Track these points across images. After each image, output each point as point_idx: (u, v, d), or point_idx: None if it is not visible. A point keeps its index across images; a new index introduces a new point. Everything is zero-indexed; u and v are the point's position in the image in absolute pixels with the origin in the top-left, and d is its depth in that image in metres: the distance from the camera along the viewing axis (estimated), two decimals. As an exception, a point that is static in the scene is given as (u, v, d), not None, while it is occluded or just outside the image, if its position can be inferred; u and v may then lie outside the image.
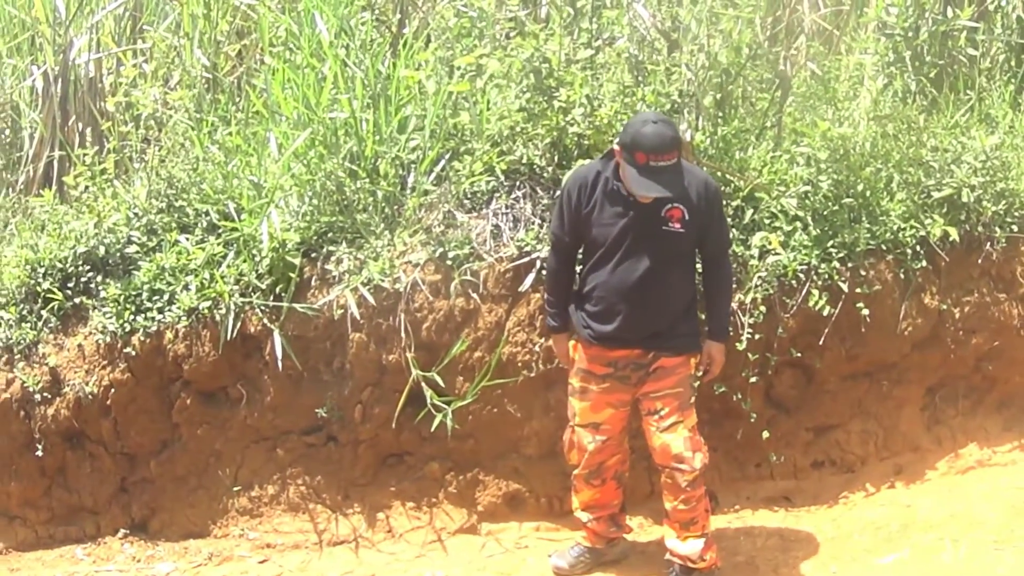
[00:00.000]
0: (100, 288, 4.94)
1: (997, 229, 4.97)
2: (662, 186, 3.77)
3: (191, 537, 4.95)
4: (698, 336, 4.16)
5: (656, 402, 4.06)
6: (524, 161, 4.67)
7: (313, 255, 4.71)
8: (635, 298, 3.95)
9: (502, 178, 4.65)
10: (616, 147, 3.90)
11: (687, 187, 3.89)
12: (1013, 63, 5.58)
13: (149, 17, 5.60)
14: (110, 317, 4.87)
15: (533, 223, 4.61)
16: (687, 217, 3.94)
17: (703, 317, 4.23)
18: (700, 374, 4.22)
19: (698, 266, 4.19)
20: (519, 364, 4.57)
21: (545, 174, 4.66)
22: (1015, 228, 5.01)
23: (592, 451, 4.15)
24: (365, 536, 4.73)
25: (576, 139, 4.63)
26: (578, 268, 4.19)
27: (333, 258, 4.67)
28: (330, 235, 4.72)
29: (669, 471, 4.08)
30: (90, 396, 4.88)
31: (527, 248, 4.56)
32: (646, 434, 4.14)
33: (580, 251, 4.14)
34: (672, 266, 3.99)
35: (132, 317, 4.85)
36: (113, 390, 4.88)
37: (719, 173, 4.64)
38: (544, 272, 4.37)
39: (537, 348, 4.56)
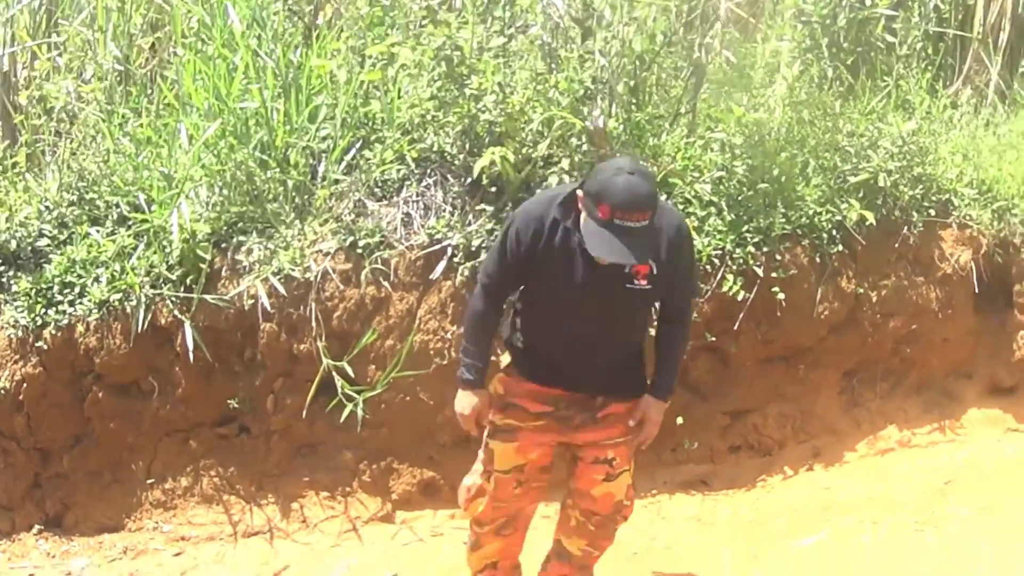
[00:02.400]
0: (12, 282, 4.88)
1: (914, 213, 4.99)
2: (626, 249, 3.05)
3: (105, 531, 4.89)
4: (646, 378, 3.60)
5: (608, 451, 3.50)
6: (435, 149, 4.65)
7: (223, 246, 4.67)
8: (582, 358, 3.40)
9: (413, 166, 4.63)
10: (579, 192, 3.19)
11: (658, 235, 3.21)
12: (930, 51, 5.61)
13: (65, 11, 5.53)
14: (21, 311, 4.82)
15: (444, 211, 4.58)
16: (655, 272, 3.28)
17: None
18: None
19: None
20: (431, 352, 4.54)
21: (456, 162, 4.64)
22: (932, 212, 5.03)
23: (514, 498, 3.59)
24: (280, 527, 4.69)
25: (488, 127, 4.60)
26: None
27: (243, 248, 4.63)
28: (240, 225, 4.68)
29: (600, 519, 3.61)
30: (2, 391, 4.82)
31: (438, 236, 4.53)
32: (581, 480, 3.57)
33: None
34: (630, 321, 3.45)
35: (43, 311, 4.79)
36: (25, 385, 4.82)
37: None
38: (465, 313, 3.70)
39: (449, 336, 4.53)
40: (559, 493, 3.76)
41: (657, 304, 3.55)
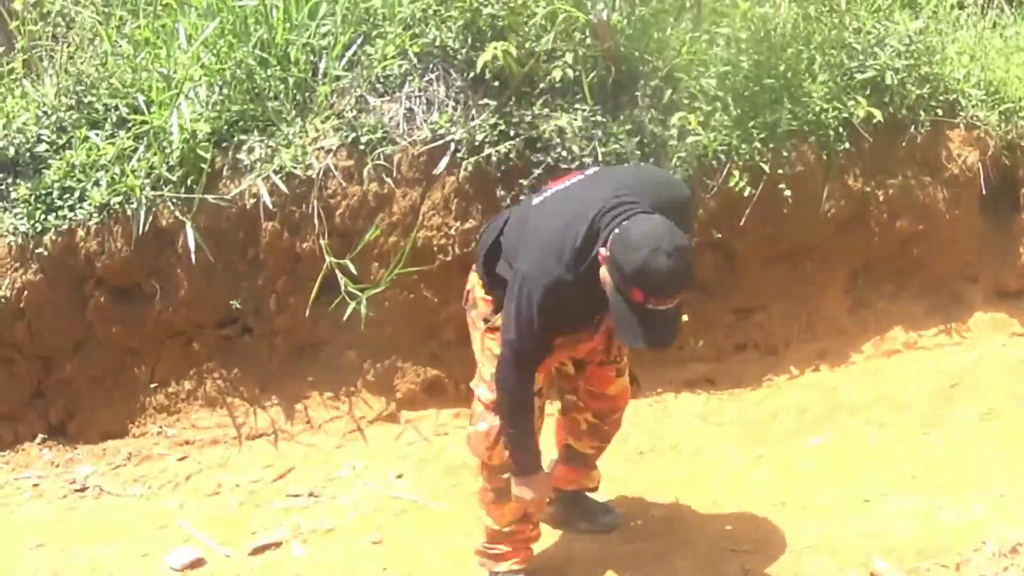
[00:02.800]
0: (10, 189, 4.84)
1: (922, 113, 4.93)
2: (656, 334, 2.87)
3: (109, 438, 4.87)
4: None
5: (613, 352, 3.46)
6: (437, 44, 4.58)
7: (224, 145, 4.62)
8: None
9: (415, 61, 4.56)
10: (602, 252, 2.91)
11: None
12: (940, -53, 5.52)
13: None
14: (21, 218, 4.78)
15: (447, 106, 4.52)
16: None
17: None
18: None
19: None
20: (435, 248, 4.50)
21: (459, 56, 4.57)
22: (940, 112, 4.97)
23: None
24: (284, 429, 4.67)
25: (490, 20, 4.52)
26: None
27: (244, 147, 4.58)
28: (241, 124, 4.63)
29: (615, 418, 3.59)
30: (3, 300, 4.78)
31: (441, 131, 4.48)
32: (596, 382, 3.50)
33: None
34: None
35: (43, 217, 4.76)
36: (26, 292, 4.78)
37: (636, 53, 4.57)
38: (502, 396, 3.19)
39: (453, 232, 4.49)
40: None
41: None
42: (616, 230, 2.87)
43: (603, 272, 2.91)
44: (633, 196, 2.99)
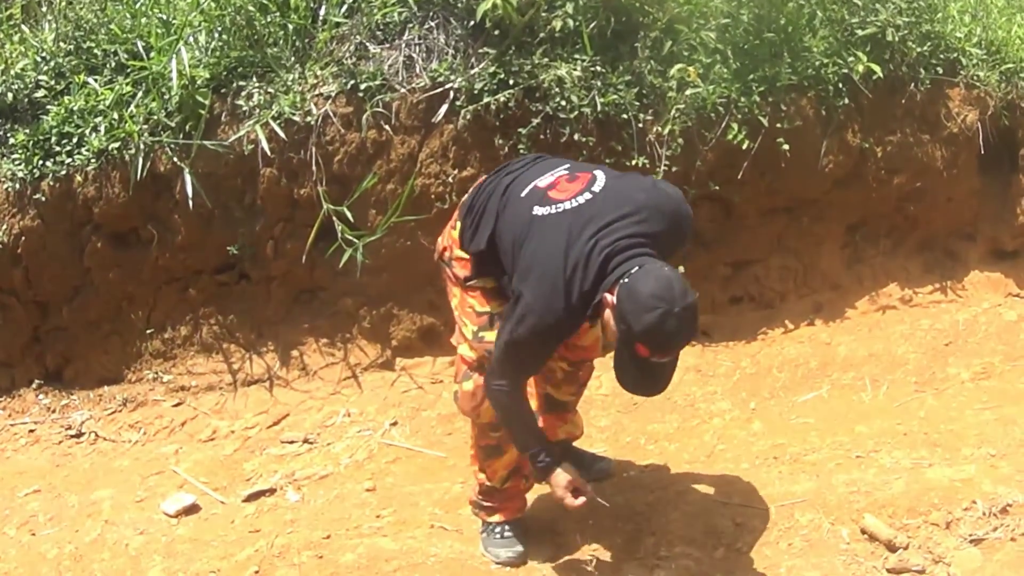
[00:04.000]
0: (8, 135, 4.84)
1: (922, 70, 4.92)
2: (654, 385, 2.96)
3: (105, 384, 4.90)
4: None
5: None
6: (438, -10, 4.57)
7: (223, 91, 4.60)
8: None
9: (415, 8, 4.55)
10: (610, 300, 2.88)
11: None
12: (943, -95, 5.49)
13: None
14: (19, 164, 4.78)
15: (447, 54, 4.51)
16: None
17: None
18: None
19: None
20: (432, 196, 4.50)
21: (459, 4, 4.55)
22: (940, 71, 4.96)
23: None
24: (279, 375, 4.69)
25: (491, -31, 4.51)
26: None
27: (243, 93, 4.56)
28: (240, 70, 4.61)
29: (588, 364, 3.63)
30: (0, 246, 4.77)
31: (440, 79, 4.46)
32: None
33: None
34: None
35: (41, 163, 4.75)
36: (23, 238, 4.79)
37: (636, 4, 4.56)
38: (500, 412, 3.21)
39: (451, 180, 4.48)
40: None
41: None
42: (625, 279, 2.84)
43: (607, 315, 2.90)
44: (643, 227, 2.96)
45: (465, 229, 3.26)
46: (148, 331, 4.80)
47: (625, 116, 4.47)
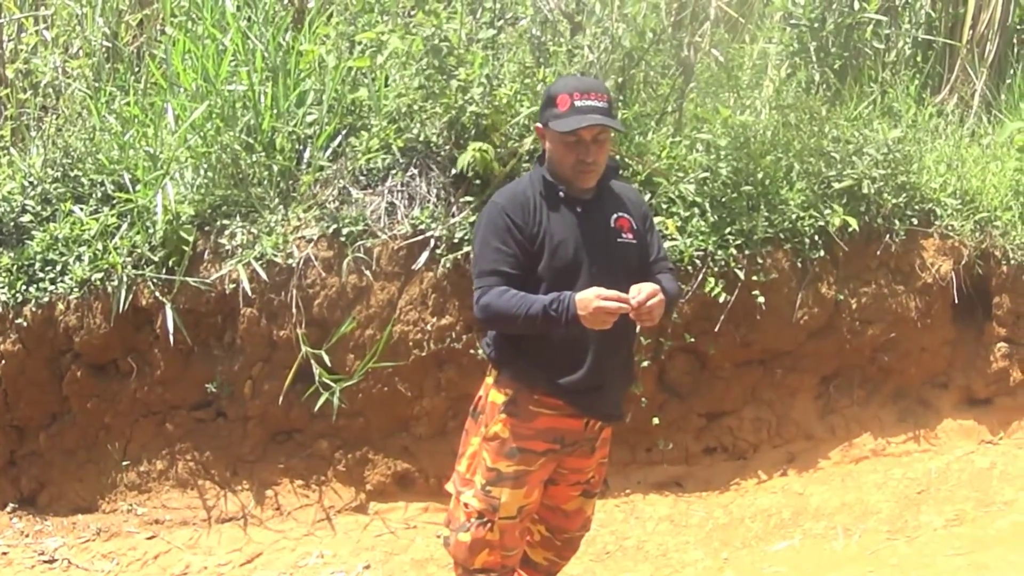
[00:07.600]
0: (-7, 258, 4.86)
1: (896, 222, 5.01)
2: (596, 115, 3.02)
3: (79, 512, 4.88)
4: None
5: (590, 473, 3.42)
6: (421, 139, 4.65)
7: (207, 228, 4.66)
8: (603, 337, 3.11)
9: (398, 155, 4.63)
10: (537, 125, 3.17)
11: (621, 195, 3.27)
12: (919, 58, 5.63)
13: (53, -17, 5.52)
14: (2, 287, 4.80)
15: (428, 202, 4.58)
16: (634, 226, 3.24)
17: None
18: None
19: None
20: (410, 343, 4.54)
21: (442, 152, 4.64)
22: (915, 221, 5.05)
23: (521, 539, 3.37)
24: (254, 513, 4.68)
25: (474, 118, 4.59)
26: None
27: (227, 232, 4.62)
28: (224, 209, 4.67)
29: (569, 537, 3.53)
30: (-20, 368, 4.80)
31: (421, 226, 4.53)
32: (556, 497, 3.43)
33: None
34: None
35: (24, 287, 4.78)
36: (3, 361, 4.80)
37: (617, 156, 4.63)
38: (492, 316, 3.10)
39: (429, 328, 4.53)
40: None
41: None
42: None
43: (544, 136, 3.16)
44: None
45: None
46: (124, 463, 4.80)
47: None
